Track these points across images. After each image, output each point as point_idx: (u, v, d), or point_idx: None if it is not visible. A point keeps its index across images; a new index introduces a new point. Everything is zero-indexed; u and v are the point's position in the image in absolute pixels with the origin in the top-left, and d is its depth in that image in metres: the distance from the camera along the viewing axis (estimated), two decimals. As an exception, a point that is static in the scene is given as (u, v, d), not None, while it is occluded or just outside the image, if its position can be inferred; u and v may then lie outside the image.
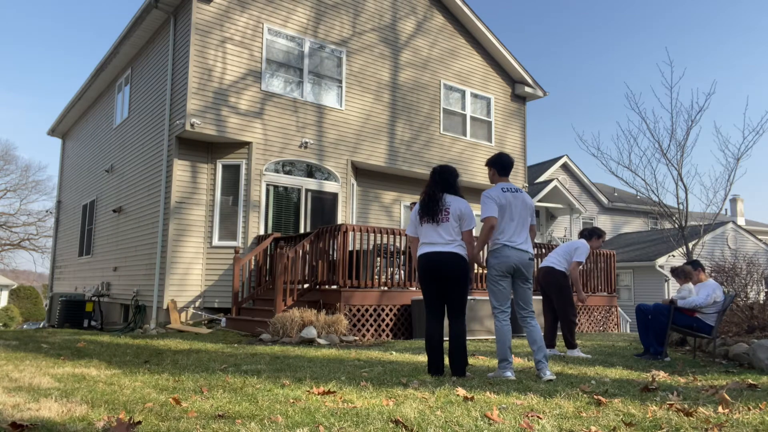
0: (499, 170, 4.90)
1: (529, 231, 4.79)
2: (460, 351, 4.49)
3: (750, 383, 4.23)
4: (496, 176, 4.93)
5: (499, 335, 4.57)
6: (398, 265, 9.30)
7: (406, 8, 14.12)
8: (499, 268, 4.60)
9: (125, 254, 12.92)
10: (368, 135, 13.04)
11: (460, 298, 4.57)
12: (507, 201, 4.70)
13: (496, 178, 4.94)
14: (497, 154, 4.99)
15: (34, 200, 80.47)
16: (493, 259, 4.64)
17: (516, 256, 4.60)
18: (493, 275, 4.63)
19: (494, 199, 4.67)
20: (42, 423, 2.77)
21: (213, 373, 4.65)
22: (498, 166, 4.92)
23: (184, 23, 11.19)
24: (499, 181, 4.89)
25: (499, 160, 4.93)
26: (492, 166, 4.96)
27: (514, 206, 4.70)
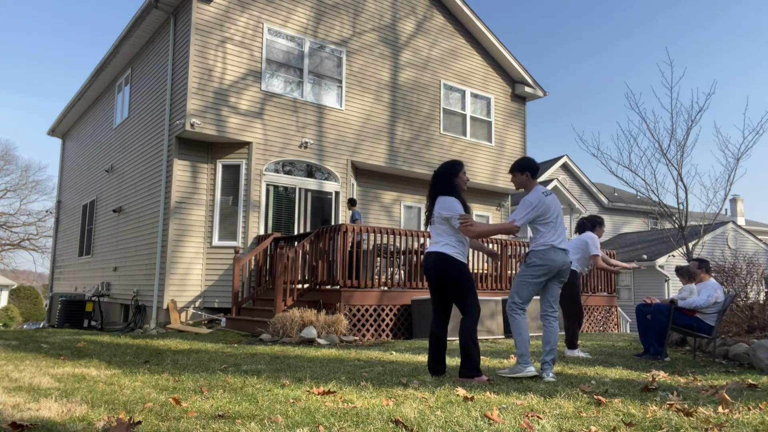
0: (533, 173, 4.78)
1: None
2: (460, 350, 4.48)
3: (750, 383, 4.23)
4: (531, 180, 4.80)
5: (520, 329, 4.49)
6: (398, 265, 9.31)
7: (406, 8, 14.12)
8: (542, 270, 4.56)
9: (125, 254, 12.92)
10: (368, 135, 13.04)
11: (457, 296, 4.51)
12: (549, 204, 4.67)
13: (531, 182, 4.80)
14: (524, 158, 4.85)
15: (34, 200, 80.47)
16: (537, 259, 4.57)
17: (561, 259, 4.59)
18: (533, 274, 4.56)
19: (536, 207, 4.62)
20: (42, 423, 2.77)
21: (213, 373, 4.65)
22: (531, 169, 4.79)
23: (184, 23, 11.19)
24: (534, 185, 4.78)
25: (532, 163, 4.81)
26: (525, 170, 4.79)
27: (554, 208, 4.70)
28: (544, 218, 4.65)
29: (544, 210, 4.65)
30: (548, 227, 4.65)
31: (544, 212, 4.65)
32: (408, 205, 14.22)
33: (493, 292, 9.93)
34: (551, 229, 4.65)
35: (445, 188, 4.64)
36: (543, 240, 4.64)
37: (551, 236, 4.64)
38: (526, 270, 4.62)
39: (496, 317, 8.84)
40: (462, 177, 4.71)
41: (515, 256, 10.80)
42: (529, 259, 4.65)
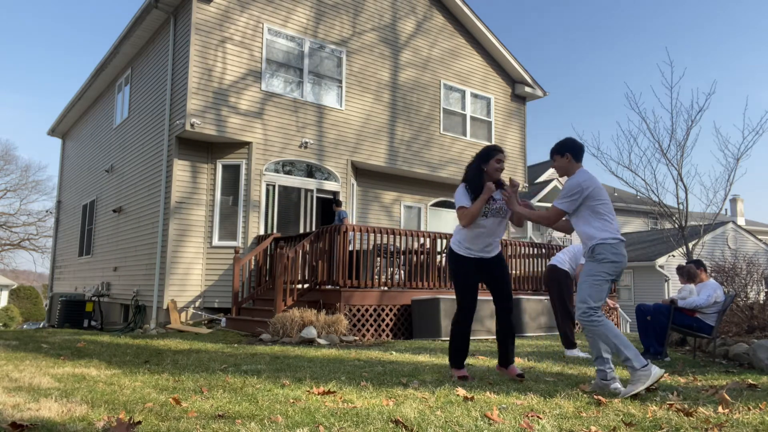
0: (575, 155, 4.15)
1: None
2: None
3: (750, 383, 4.23)
4: (573, 163, 4.15)
5: (614, 332, 3.89)
6: (398, 265, 9.31)
7: (406, 8, 14.12)
8: (615, 268, 3.97)
9: (125, 254, 12.92)
10: (368, 135, 13.04)
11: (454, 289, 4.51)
12: (601, 186, 4.06)
13: (574, 166, 4.15)
14: (565, 138, 4.20)
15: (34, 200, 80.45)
16: (610, 254, 3.93)
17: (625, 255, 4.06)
18: (606, 272, 3.95)
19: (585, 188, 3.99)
20: (42, 423, 2.77)
21: (213, 373, 4.65)
22: (573, 150, 4.15)
23: (184, 23, 11.19)
24: (579, 169, 4.15)
25: (573, 143, 4.17)
26: (565, 151, 4.16)
27: (605, 192, 4.08)
28: (600, 201, 3.99)
29: (595, 192, 4.00)
30: (608, 212, 4.00)
31: (596, 194, 3.99)
32: (408, 205, 14.22)
33: (493, 292, 9.91)
34: (612, 216, 4.02)
35: (465, 177, 4.41)
36: (609, 230, 3.97)
37: (615, 225, 4.02)
38: (597, 267, 3.96)
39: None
40: (493, 164, 4.29)
41: (515, 256, 10.80)
42: (599, 254, 3.95)
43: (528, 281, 10.78)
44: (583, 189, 3.98)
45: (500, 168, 4.32)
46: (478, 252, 4.38)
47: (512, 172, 15.63)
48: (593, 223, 3.99)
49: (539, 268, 10.92)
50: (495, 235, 4.38)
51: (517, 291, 10.42)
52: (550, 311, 9.41)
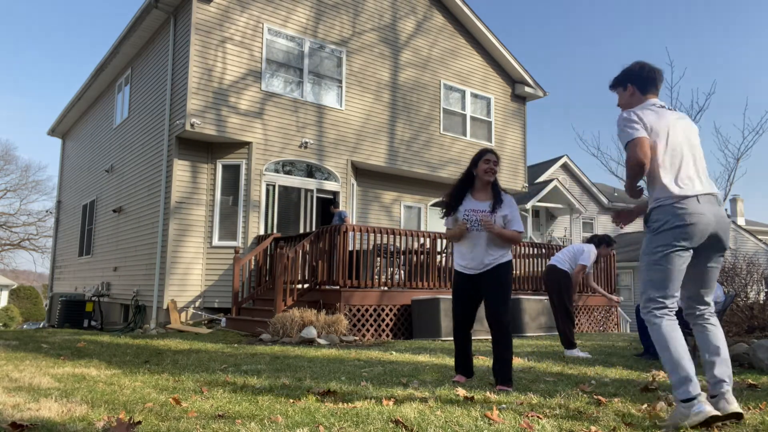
0: (642, 85, 3.10)
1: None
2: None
3: (750, 383, 4.23)
4: (637, 96, 3.11)
5: (666, 341, 2.82)
6: (398, 265, 9.30)
7: (406, 8, 14.12)
8: (677, 235, 2.81)
9: (125, 254, 12.92)
10: (368, 135, 13.04)
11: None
12: (667, 122, 2.95)
13: (636, 99, 3.11)
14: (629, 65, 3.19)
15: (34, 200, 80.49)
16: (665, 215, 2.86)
17: (709, 212, 2.82)
18: (663, 244, 2.85)
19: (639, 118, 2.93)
20: (42, 423, 2.77)
21: (213, 373, 4.65)
22: (637, 79, 3.11)
23: (184, 23, 11.19)
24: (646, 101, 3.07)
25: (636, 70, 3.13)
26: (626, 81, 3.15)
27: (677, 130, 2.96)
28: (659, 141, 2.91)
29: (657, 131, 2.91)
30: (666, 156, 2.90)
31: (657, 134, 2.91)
32: (408, 205, 14.22)
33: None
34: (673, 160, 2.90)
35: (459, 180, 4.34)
36: (667, 181, 2.87)
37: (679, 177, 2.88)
38: (650, 241, 2.90)
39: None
40: (481, 165, 4.15)
41: (515, 256, 10.80)
42: (654, 222, 2.91)
43: (528, 281, 10.78)
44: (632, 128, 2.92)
45: (489, 169, 4.14)
46: (467, 266, 4.16)
47: (512, 172, 15.64)
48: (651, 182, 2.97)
49: (539, 268, 10.92)
50: (484, 249, 4.09)
51: (517, 291, 10.42)
52: (549, 311, 9.40)
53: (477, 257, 4.10)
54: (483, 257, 4.09)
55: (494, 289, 4.06)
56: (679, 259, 2.83)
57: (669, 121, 2.95)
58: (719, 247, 2.91)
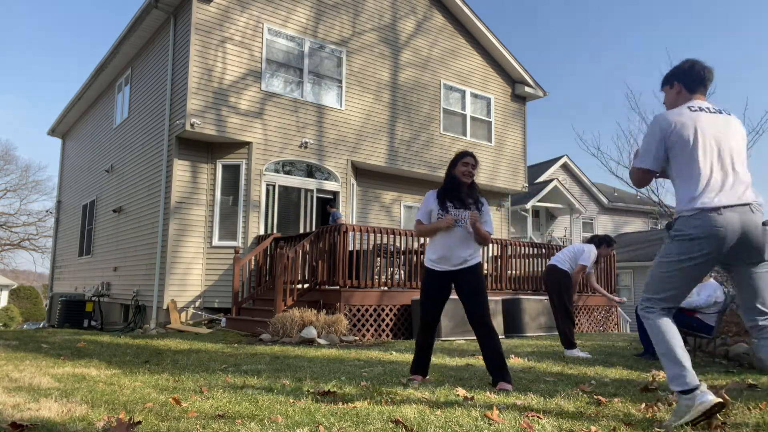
0: (689, 84, 2.98)
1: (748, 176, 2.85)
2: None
3: (750, 383, 4.23)
4: (683, 95, 3.00)
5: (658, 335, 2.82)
6: (398, 265, 9.30)
7: (406, 8, 14.12)
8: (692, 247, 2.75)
9: (125, 254, 12.92)
10: (368, 135, 13.04)
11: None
12: (700, 126, 2.82)
13: (682, 99, 3.00)
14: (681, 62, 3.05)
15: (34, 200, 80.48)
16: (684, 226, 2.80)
17: (733, 222, 2.69)
18: (674, 252, 2.81)
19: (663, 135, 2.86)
20: (42, 423, 2.77)
21: (213, 373, 4.65)
22: (684, 77, 2.99)
23: (184, 23, 11.19)
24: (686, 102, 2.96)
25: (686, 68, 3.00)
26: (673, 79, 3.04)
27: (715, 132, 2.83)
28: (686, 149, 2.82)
29: (686, 138, 2.81)
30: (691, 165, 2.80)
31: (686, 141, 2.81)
32: (408, 204, 14.22)
33: (493, 292, 9.93)
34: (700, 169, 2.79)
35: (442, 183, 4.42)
36: (688, 192, 2.81)
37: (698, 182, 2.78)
38: (666, 246, 2.88)
39: (496, 317, 8.84)
40: (460, 167, 4.25)
41: (515, 256, 10.81)
42: (674, 229, 2.86)
43: (528, 281, 10.78)
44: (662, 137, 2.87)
45: (467, 171, 4.23)
46: (444, 264, 4.18)
47: (512, 172, 15.64)
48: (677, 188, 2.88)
49: (539, 268, 10.92)
50: (459, 245, 4.13)
51: (517, 291, 10.43)
52: (549, 311, 9.40)
53: (452, 254, 4.15)
54: (458, 254, 4.14)
55: (474, 290, 4.13)
56: (689, 270, 2.78)
57: (701, 127, 2.82)
58: (753, 256, 2.74)
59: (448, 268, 4.18)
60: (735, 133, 2.86)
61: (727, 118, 2.89)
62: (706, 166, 2.78)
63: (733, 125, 2.88)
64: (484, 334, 4.08)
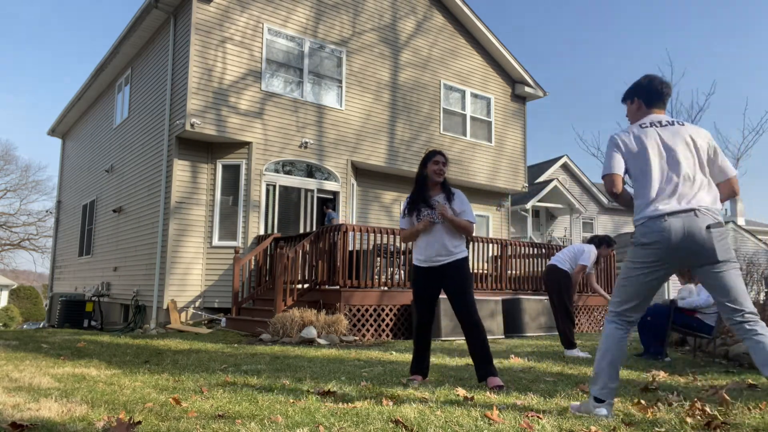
0: (648, 99, 3.17)
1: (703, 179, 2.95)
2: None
3: (750, 383, 4.23)
4: (643, 110, 3.19)
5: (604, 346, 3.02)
6: (398, 265, 9.30)
7: (406, 8, 14.12)
8: (647, 254, 2.93)
9: (125, 254, 12.92)
10: (368, 135, 13.05)
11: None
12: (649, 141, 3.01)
13: (641, 114, 3.19)
14: (641, 78, 3.22)
15: (34, 200, 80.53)
16: (639, 234, 2.99)
17: (680, 227, 2.83)
18: (634, 260, 2.99)
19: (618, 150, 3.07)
20: (42, 423, 2.77)
21: (213, 373, 4.65)
22: (643, 92, 3.18)
23: (184, 23, 11.19)
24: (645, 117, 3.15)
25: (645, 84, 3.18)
26: (633, 95, 3.22)
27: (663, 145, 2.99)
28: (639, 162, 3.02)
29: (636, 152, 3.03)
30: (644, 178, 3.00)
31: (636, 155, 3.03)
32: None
33: (493, 293, 9.93)
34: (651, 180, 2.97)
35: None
36: (641, 203, 3.00)
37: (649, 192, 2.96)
38: (627, 255, 3.07)
39: (496, 317, 8.84)
40: (431, 166, 4.33)
41: (515, 256, 10.80)
42: (633, 237, 3.09)
43: (528, 281, 10.78)
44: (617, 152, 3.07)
45: (438, 170, 4.31)
46: (426, 260, 4.25)
47: (513, 172, 15.64)
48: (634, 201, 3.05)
49: (539, 268, 10.92)
50: (440, 239, 4.19)
51: (517, 291, 10.43)
52: (549, 311, 9.40)
53: (434, 249, 4.21)
54: (440, 249, 4.19)
55: (459, 285, 4.16)
56: (641, 275, 2.95)
57: (651, 143, 3.01)
58: (706, 258, 2.83)
59: (432, 264, 4.23)
60: (688, 143, 3.00)
61: (679, 129, 3.04)
62: (655, 178, 2.96)
63: (685, 135, 3.01)
64: (471, 328, 4.11)
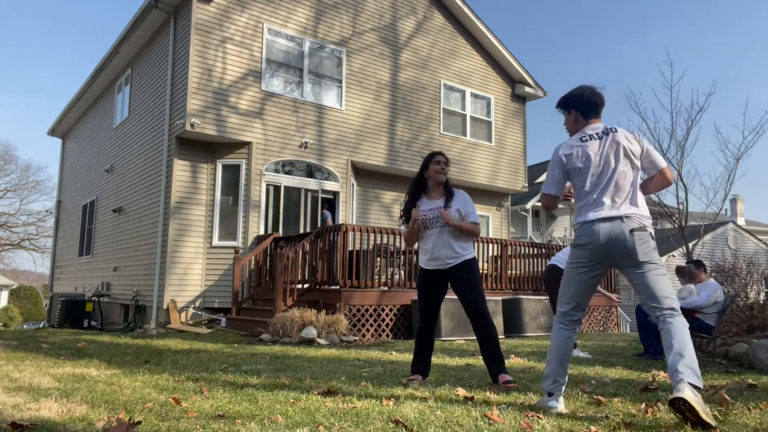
0: (585, 110, 3.33)
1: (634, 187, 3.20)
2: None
3: (750, 383, 4.23)
4: (581, 122, 3.36)
5: (552, 344, 3.32)
6: (398, 265, 9.30)
7: (406, 8, 14.12)
8: (580, 254, 3.24)
9: (125, 254, 12.92)
10: (368, 135, 13.04)
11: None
12: (587, 154, 3.23)
13: (580, 125, 3.36)
14: (575, 88, 3.40)
15: (34, 200, 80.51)
16: (576, 237, 3.29)
17: (601, 237, 3.13)
18: (571, 262, 3.31)
19: (559, 163, 3.31)
20: (42, 423, 2.77)
21: (213, 373, 4.65)
22: (579, 104, 3.34)
23: (184, 23, 11.19)
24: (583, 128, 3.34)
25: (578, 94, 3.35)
26: (569, 106, 3.39)
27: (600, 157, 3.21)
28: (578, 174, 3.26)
29: (577, 167, 3.26)
30: (582, 187, 3.26)
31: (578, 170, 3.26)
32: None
33: (493, 292, 9.93)
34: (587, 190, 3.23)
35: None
36: (579, 208, 3.28)
37: (585, 200, 3.24)
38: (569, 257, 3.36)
39: (496, 317, 8.84)
40: (433, 167, 4.35)
41: (515, 256, 10.80)
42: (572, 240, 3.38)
43: (528, 281, 10.78)
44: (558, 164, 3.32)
45: (440, 170, 4.31)
46: (433, 263, 4.24)
47: (513, 172, 15.64)
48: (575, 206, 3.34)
49: (539, 268, 10.92)
50: (442, 245, 4.17)
51: (517, 291, 10.43)
52: (549, 311, 9.41)
53: (441, 253, 4.19)
54: (447, 252, 4.18)
55: (466, 281, 4.15)
56: (578, 274, 3.25)
57: (588, 154, 3.23)
58: (629, 259, 3.12)
59: (440, 267, 4.23)
60: (624, 150, 3.21)
61: (615, 137, 3.23)
62: (591, 187, 3.23)
63: (621, 142, 3.22)
64: (480, 321, 4.10)
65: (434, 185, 4.36)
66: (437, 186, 4.35)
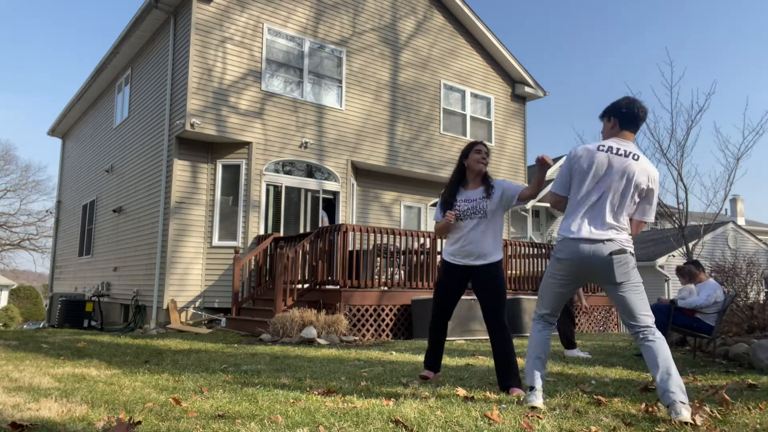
0: (623, 120, 3.31)
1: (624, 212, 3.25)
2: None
3: (750, 383, 4.23)
4: (616, 130, 3.34)
5: (529, 343, 3.49)
6: (398, 265, 9.31)
7: (406, 8, 14.12)
8: (560, 267, 3.34)
9: (125, 254, 12.92)
10: (368, 135, 13.04)
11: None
12: (596, 162, 3.22)
13: (614, 132, 3.35)
14: (620, 99, 3.36)
15: (34, 200, 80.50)
16: (557, 249, 3.38)
17: (580, 257, 3.22)
18: (550, 271, 3.42)
19: (571, 159, 3.33)
20: (42, 423, 2.77)
21: (213, 373, 4.65)
22: (620, 113, 3.31)
23: (184, 23, 11.19)
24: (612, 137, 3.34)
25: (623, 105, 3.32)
26: (610, 114, 3.36)
27: (607, 172, 3.20)
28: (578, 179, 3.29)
29: (579, 174, 3.29)
30: (577, 193, 3.30)
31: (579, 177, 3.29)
32: (408, 204, 14.22)
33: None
34: (579, 198, 3.28)
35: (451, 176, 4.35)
36: (566, 219, 3.34)
37: (571, 216, 3.29)
38: (548, 267, 3.47)
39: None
40: (473, 156, 4.16)
41: (515, 256, 10.80)
42: (554, 249, 3.49)
43: (528, 281, 10.78)
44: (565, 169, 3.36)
45: (480, 159, 4.14)
46: (461, 258, 4.08)
47: (513, 172, 15.64)
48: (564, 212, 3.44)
49: (539, 268, 10.92)
50: (476, 239, 4.03)
51: (517, 291, 10.42)
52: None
53: (473, 248, 4.04)
54: (473, 249, 4.04)
55: (492, 286, 3.99)
56: (554, 286, 3.39)
57: (598, 167, 3.22)
58: (606, 279, 3.21)
59: (465, 263, 4.06)
60: (628, 177, 3.20)
61: (628, 164, 3.21)
62: (586, 202, 3.25)
63: (630, 169, 3.20)
64: (499, 333, 3.93)
65: (473, 176, 4.19)
66: (476, 176, 4.19)
